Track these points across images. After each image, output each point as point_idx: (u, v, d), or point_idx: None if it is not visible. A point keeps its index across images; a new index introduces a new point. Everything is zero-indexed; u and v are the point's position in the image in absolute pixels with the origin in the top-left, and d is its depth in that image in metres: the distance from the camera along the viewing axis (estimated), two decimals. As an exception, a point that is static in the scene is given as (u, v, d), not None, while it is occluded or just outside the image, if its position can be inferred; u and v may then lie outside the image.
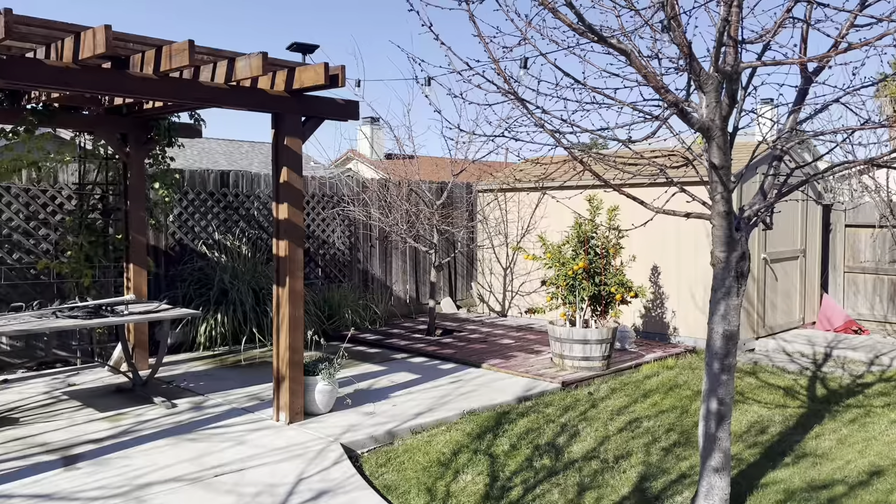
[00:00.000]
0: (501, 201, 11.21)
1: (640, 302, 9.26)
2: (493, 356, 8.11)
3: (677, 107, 3.54)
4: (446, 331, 9.66)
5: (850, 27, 3.96)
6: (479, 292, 11.75)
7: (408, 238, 9.47)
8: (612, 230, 7.87)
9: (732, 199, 4.24)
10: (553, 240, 8.69)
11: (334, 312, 9.44)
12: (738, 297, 4.11)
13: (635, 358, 8.10)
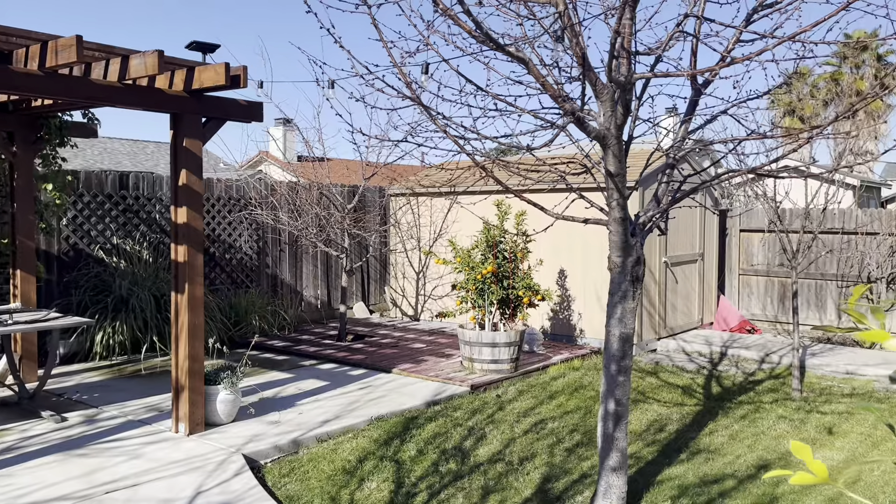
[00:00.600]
0: (414, 205, 11.21)
1: (548, 305, 9.44)
2: (404, 361, 8.09)
3: (573, 115, 3.62)
4: (358, 336, 9.57)
5: (735, 42, 4.16)
6: (392, 297, 11.70)
7: (318, 242, 9.33)
8: (520, 235, 8.00)
9: (629, 206, 4.38)
10: (464, 244, 8.76)
11: (241, 319, 9.19)
12: (633, 301, 4.24)
13: (543, 360, 8.25)
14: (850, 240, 9.90)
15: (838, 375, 7.94)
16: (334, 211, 9.34)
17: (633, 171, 4.83)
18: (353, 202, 9.45)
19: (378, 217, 11.04)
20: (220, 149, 17.47)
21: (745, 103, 4.49)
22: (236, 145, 58.24)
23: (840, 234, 9.95)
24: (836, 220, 9.98)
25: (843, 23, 4.05)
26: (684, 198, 4.35)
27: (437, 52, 4.11)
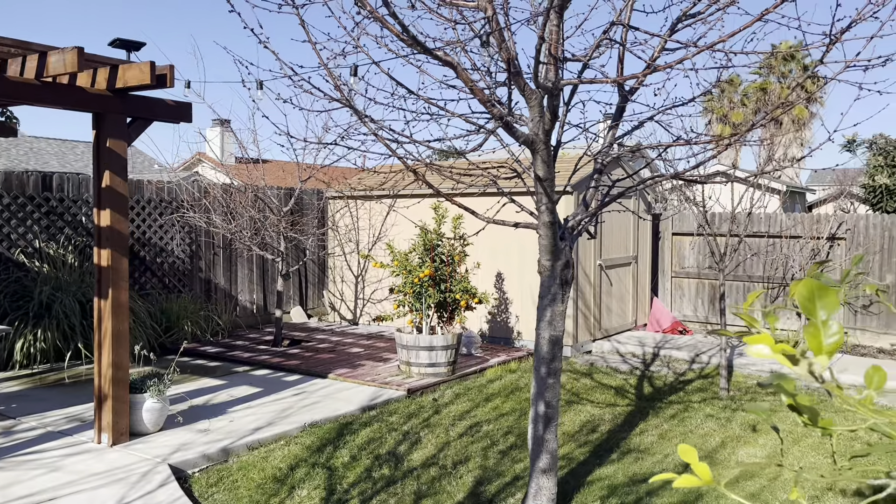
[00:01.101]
0: (353, 208, 11.13)
1: (486, 308, 9.50)
2: (341, 366, 8.01)
3: (502, 120, 3.64)
4: (294, 341, 9.43)
5: (660, 50, 4.25)
6: (331, 301, 11.58)
7: (253, 246, 9.16)
8: (457, 238, 8.02)
9: (564, 210, 4.43)
10: (403, 247, 8.73)
11: (173, 324, 8.95)
12: (563, 304, 4.29)
13: (481, 363, 8.28)
14: (775, 243, 10.26)
15: (763, 374, 8.21)
16: (270, 214, 9.18)
17: (566, 175, 4.89)
18: (290, 205, 9.31)
19: (316, 220, 10.90)
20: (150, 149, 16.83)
21: (673, 109, 4.60)
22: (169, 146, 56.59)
23: (766, 237, 10.30)
24: (762, 224, 10.34)
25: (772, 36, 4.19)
26: (611, 202, 4.42)
27: (367, 54, 4.08)
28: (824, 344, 0.80)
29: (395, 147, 4.33)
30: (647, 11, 4.39)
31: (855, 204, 16.72)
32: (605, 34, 3.95)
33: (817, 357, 0.81)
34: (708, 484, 0.95)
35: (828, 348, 0.80)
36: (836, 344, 0.81)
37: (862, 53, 3.60)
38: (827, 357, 0.81)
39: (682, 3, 4.26)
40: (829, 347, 0.80)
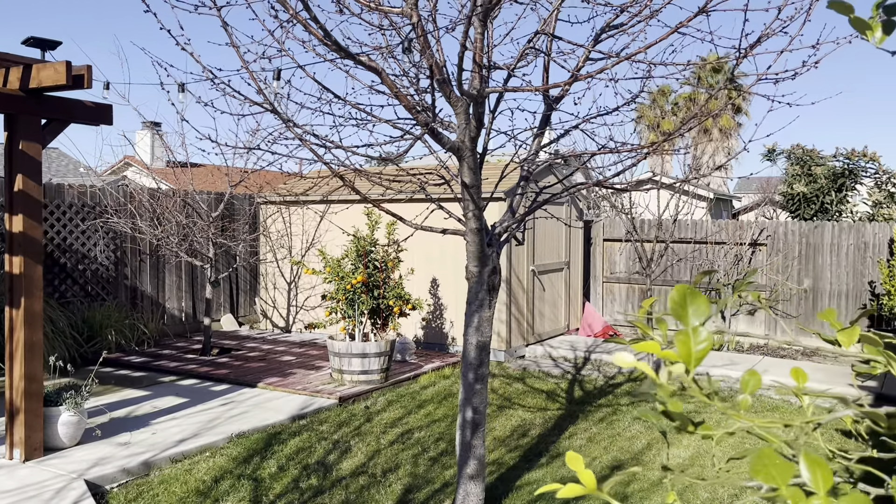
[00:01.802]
0: (285, 214, 10.96)
1: (421, 314, 9.48)
2: (272, 374, 7.86)
3: (427, 127, 3.64)
4: (224, 350, 9.21)
5: (585, 60, 4.33)
6: (263, 308, 11.37)
7: (181, 252, 8.91)
8: (391, 244, 7.98)
9: (495, 216, 4.46)
10: (337, 253, 8.64)
11: (96, 334, 8.62)
12: (490, 310, 4.31)
13: (415, 369, 8.26)
14: (701, 249, 10.59)
15: (689, 376, 8.45)
16: (198, 219, 8.96)
17: (494, 182, 4.93)
18: (219, 210, 9.10)
19: (247, 226, 10.69)
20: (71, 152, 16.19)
21: (601, 118, 4.70)
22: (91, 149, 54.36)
23: (692, 243, 10.62)
24: (688, 230, 10.65)
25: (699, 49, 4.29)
26: (538, 208, 4.48)
27: (292, 57, 4.03)
28: (694, 350, 0.82)
29: (322, 153, 4.29)
30: (573, 22, 4.48)
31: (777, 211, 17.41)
32: (530, 43, 4.00)
33: (688, 363, 0.83)
34: (591, 492, 0.96)
35: (697, 354, 0.82)
36: (705, 350, 0.82)
37: (774, 67, 3.75)
38: (696, 363, 0.82)
39: (606, 15, 4.36)
40: (698, 354, 0.82)
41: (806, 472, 0.64)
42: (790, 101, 3.81)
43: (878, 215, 12.53)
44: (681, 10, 3.84)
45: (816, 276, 10.07)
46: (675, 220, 7.79)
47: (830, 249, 10.01)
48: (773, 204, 17.10)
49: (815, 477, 0.64)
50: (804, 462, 0.66)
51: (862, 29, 1.05)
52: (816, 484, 0.63)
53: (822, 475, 0.63)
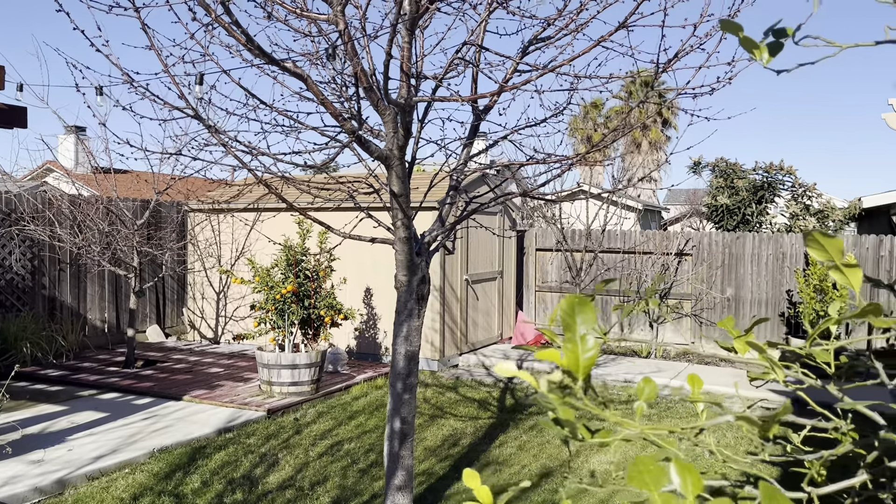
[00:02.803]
0: (214, 222, 10.70)
1: (354, 324, 9.39)
2: (198, 387, 7.64)
3: (354, 135, 3.61)
4: (149, 362, 8.91)
5: (513, 72, 4.38)
6: (191, 319, 11.06)
7: (103, 261, 8.59)
8: (323, 253, 7.89)
9: (417, 226, 4.45)
10: (268, 263, 8.48)
11: (10, 346, 8.22)
12: (419, 319, 4.30)
13: (346, 380, 8.16)
14: (629, 258, 10.84)
15: (618, 384, 8.62)
16: (122, 227, 8.65)
17: (424, 191, 4.92)
18: (144, 217, 8.82)
19: (174, 234, 10.39)
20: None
21: (532, 129, 4.76)
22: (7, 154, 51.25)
23: (620, 253, 10.86)
24: (617, 241, 10.89)
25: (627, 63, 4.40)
26: (467, 218, 4.49)
27: (216, 62, 3.94)
28: (581, 358, 0.82)
29: (248, 159, 4.20)
30: (501, 34, 4.53)
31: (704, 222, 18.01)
32: (457, 54, 4.02)
33: (575, 371, 0.83)
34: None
35: (584, 362, 0.82)
36: (592, 358, 0.83)
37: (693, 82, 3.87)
38: (584, 371, 0.83)
39: (534, 28, 4.42)
40: (586, 362, 0.82)
41: (676, 477, 0.65)
42: (708, 115, 3.95)
43: (794, 227, 13.11)
44: (605, 25, 3.94)
45: (738, 285, 10.43)
46: (604, 231, 7.96)
47: (751, 259, 10.40)
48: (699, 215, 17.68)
49: (684, 482, 0.64)
50: (674, 468, 0.66)
51: (750, 48, 1.09)
52: (686, 489, 0.64)
53: (692, 481, 0.64)
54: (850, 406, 0.95)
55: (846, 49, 0.99)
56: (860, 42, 0.97)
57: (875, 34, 0.85)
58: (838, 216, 13.01)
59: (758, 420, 0.77)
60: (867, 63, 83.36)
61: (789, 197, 13.65)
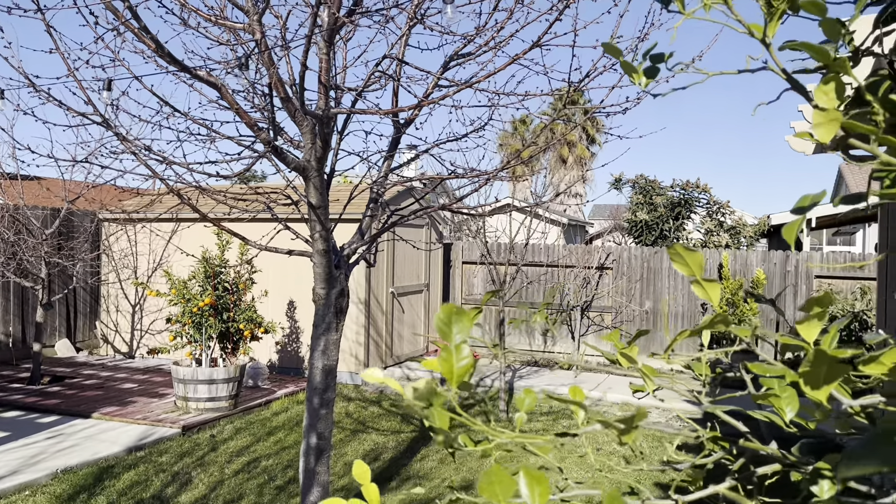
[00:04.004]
0: (131, 232, 10.34)
1: (276, 337, 9.22)
2: (109, 403, 7.34)
3: (270, 145, 3.57)
4: (56, 378, 8.50)
5: (434, 87, 4.42)
6: (104, 332, 10.62)
7: (7, 272, 8.17)
8: (243, 264, 7.73)
9: (337, 238, 4.42)
10: (187, 274, 8.24)
11: None
12: (337, 332, 4.26)
13: (267, 395, 8.00)
14: (552, 271, 11.05)
15: (540, 395, 8.74)
16: (29, 237, 8.26)
17: (344, 203, 4.89)
18: (54, 227, 8.44)
19: (87, 244, 9.98)
20: None
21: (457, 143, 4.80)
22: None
23: (544, 266, 11.06)
24: (540, 254, 11.09)
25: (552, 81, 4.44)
26: (387, 230, 4.49)
27: (128, 67, 3.83)
28: (456, 367, 0.83)
29: (162, 168, 4.09)
30: (423, 49, 4.56)
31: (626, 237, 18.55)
32: (377, 67, 4.03)
33: (450, 379, 0.84)
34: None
35: (459, 371, 0.83)
36: (467, 367, 0.84)
37: (608, 101, 4.00)
38: (458, 379, 0.84)
39: (455, 44, 4.47)
40: (460, 370, 0.83)
41: (524, 488, 0.67)
42: (621, 133, 4.07)
43: (709, 242, 13.65)
44: (523, 43, 4.02)
45: (656, 299, 10.77)
46: (527, 245, 8.09)
47: (669, 274, 10.75)
48: (621, 230, 18.19)
49: (532, 493, 0.66)
50: (523, 478, 0.68)
51: (629, 72, 1.13)
52: (533, 499, 0.65)
53: (540, 490, 0.66)
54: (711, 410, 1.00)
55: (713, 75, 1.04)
56: (725, 70, 1.03)
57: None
58: (749, 232, 13.63)
59: (617, 425, 0.80)
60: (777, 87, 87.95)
61: (704, 213, 14.22)
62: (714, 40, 3.61)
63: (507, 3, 4.00)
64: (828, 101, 0.82)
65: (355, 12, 3.66)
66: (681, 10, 0.98)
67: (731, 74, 1.01)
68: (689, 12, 0.99)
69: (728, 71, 1.02)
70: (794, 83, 0.91)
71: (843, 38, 1.24)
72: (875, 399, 0.75)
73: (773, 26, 0.96)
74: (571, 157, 33.72)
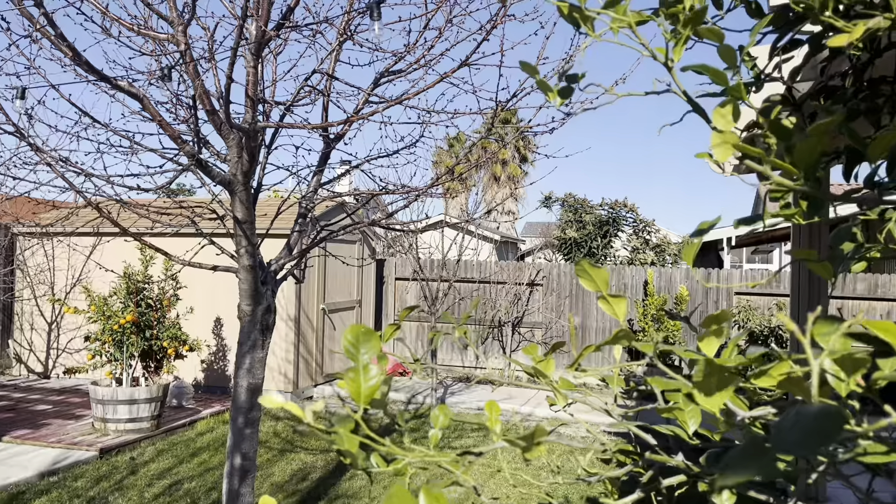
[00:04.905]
0: (48, 247, 9.90)
1: (201, 355, 8.97)
2: (21, 426, 6.97)
3: (194, 158, 3.48)
4: (-37, 400, 8.04)
5: (364, 102, 4.41)
6: (17, 351, 10.10)
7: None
8: (167, 280, 7.50)
9: (265, 254, 4.34)
10: (108, 290, 7.93)
11: None
12: (263, 350, 4.17)
13: (192, 414, 7.76)
14: (484, 288, 11.13)
15: (471, 411, 8.77)
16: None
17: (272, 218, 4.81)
18: (-36, 241, 8.01)
19: (0, 259, 9.50)
20: None
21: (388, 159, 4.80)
22: None
23: (476, 282, 11.13)
24: (472, 271, 11.16)
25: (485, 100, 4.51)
26: (316, 245, 4.44)
27: (43, 75, 3.70)
28: (363, 387, 0.83)
29: (81, 181, 3.95)
30: (353, 65, 4.55)
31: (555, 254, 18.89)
32: (306, 82, 4.00)
33: (358, 400, 0.83)
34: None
35: (367, 391, 0.83)
36: (375, 387, 0.83)
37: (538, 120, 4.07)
38: (366, 399, 0.83)
39: (386, 60, 4.48)
40: (367, 390, 0.82)
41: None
42: (548, 153, 4.16)
43: (635, 260, 14.04)
44: (453, 62, 4.07)
45: (585, 314, 10.98)
46: (459, 261, 8.14)
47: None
48: (551, 247, 18.51)
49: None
50: (423, 497, 0.68)
51: (545, 90, 1.15)
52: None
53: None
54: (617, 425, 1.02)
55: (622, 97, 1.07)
56: (633, 92, 1.06)
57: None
58: (673, 250, 14.09)
59: (518, 443, 0.81)
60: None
61: (631, 232, 14.62)
62: (637, 63, 3.73)
63: (437, 22, 4.05)
64: (724, 123, 0.86)
65: (284, 26, 3.62)
66: (590, 32, 1.01)
67: (640, 96, 1.04)
68: (598, 34, 1.02)
69: (636, 92, 1.05)
70: (694, 106, 0.95)
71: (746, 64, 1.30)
72: (766, 410, 0.78)
73: (677, 51, 1.00)
74: (504, 175, 34.18)
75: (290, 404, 0.79)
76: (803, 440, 0.45)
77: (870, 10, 0.84)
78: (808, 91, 1.24)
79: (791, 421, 0.46)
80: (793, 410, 0.48)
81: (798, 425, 0.45)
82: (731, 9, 1.32)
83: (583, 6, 1.04)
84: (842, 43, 0.79)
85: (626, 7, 1.02)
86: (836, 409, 0.47)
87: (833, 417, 0.45)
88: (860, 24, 0.81)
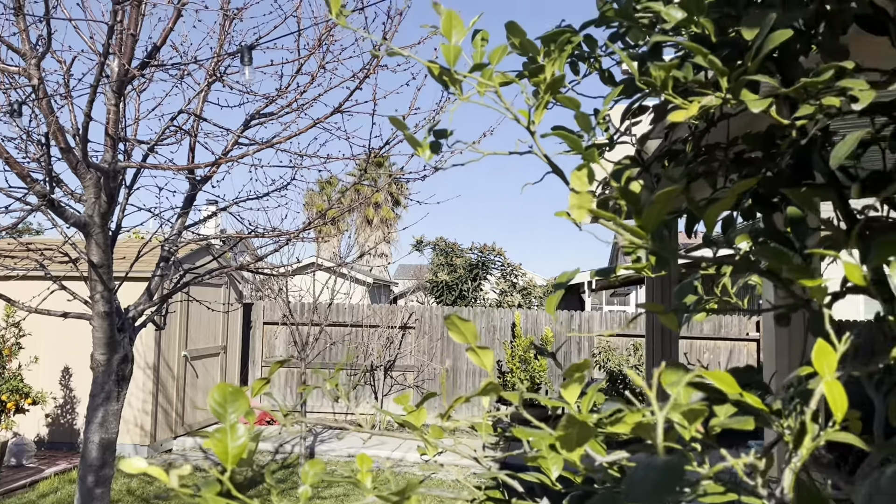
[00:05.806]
0: None
1: (47, 409, 8.25)
2: None
3: (45, 198, 3.27)
4: None
5: (234, 144, 4.32)
6: None
7: None
8: (9, 327, 6.89)
9: (122, 299, 4.10)
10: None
11: None
12: (118, 402, 3.92)
13: (33, 474, 7.08)
14: (356, 331, 11.04)
15: (342, 459, 8.58)
16: None
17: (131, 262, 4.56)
18: None
19: None
20: None
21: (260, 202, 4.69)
22: None
23: (348, 326, 11.02)
24: (344, 314, 11.05)
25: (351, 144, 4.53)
26: (178, 291, 4.26)
27: None
28: (230, 447, 0.81)
29: None
30: (223, 105, 4.46)
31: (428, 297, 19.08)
32: (173, 121, 3.88)
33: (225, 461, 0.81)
34: None
35: (234, 451, 0.80)
36: (242, 447, 0.81)
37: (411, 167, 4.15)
38: (233, 460, 0.81)
39: (257, 103, 4.43)
40: (234, 451, 0.80)
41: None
42: (420, 199, 4.24)
43: (503, 302, 14.45)
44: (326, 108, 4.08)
45: (456, 356, 11.11)
46: (331, 304, 8.04)
47: (467, 332, 11.17)
48: (424, 290, 18.68)
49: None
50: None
51: (414, 145, 1.19)
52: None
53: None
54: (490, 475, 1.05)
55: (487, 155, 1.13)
56: (498, 151, 1.12)
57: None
58: (539, 293, 14.62)
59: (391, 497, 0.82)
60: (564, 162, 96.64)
61: (499, 275, 15.06)
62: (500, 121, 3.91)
63: (310, 67, 4.07)
64: (580, 185, 0.93)
65: (149, 65, 3.51)
66: (458, 94, 1.06)
67: (504, 155, 1.10)
68: (466, 96, 1.07)
69: (500, 152, 1.11)
70: (553, 167, 1.02)
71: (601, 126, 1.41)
72: (621, 455, 0.83)
73: (538, 114, 1.07)
74: (377, 218, 34.29)
75: (154, 468, 0.76)
76: (652, 491, 0.49)
77: (703, 88, 0.95)
78: (654, 154, 1.36)
79: (641, 474, 0.50)
80: (643, 463, 0.53)
81: (647, 478, 0.50)
82: (588, 74, 1.43)
83: (452, 69, 1.09)
84: (680, 118, 0.89)
85: (492, 72, 1.08)
86: (677, 462, 0.52)
87: (675, 469, 0.50)
88: (696, 102, 0.91)
